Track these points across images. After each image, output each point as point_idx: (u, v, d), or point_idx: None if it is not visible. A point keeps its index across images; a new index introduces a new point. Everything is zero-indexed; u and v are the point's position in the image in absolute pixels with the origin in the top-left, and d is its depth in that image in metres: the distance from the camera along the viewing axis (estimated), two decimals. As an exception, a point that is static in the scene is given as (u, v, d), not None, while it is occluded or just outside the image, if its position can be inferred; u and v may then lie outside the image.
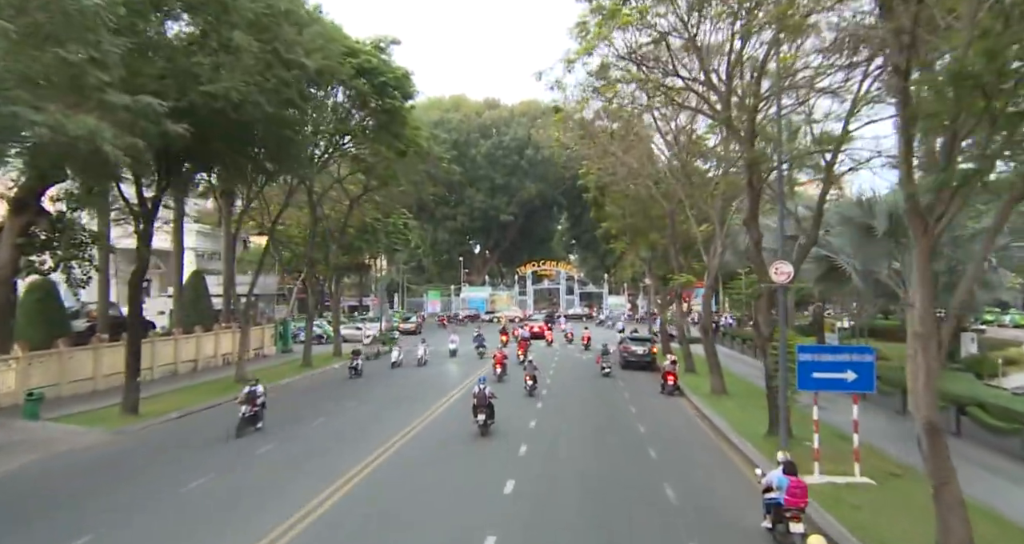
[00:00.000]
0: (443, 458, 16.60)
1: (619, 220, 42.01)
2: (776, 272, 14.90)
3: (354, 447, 17.47)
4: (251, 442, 18.25)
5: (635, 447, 17.86)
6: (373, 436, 18.71)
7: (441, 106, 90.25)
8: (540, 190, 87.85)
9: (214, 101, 17.67)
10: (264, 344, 41.54)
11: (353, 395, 26.97)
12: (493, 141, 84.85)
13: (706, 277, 25.98)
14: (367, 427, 20.32)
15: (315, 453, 17.08)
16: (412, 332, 63.08)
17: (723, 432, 19.05)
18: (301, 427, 20.51)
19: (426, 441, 18.48)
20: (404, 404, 24.36)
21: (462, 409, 21.22)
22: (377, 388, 29.00)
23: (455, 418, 21.18)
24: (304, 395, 27.31)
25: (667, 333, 40.76)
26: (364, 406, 24.42)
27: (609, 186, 41.37)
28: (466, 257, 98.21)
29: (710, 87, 18.05)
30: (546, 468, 15.75)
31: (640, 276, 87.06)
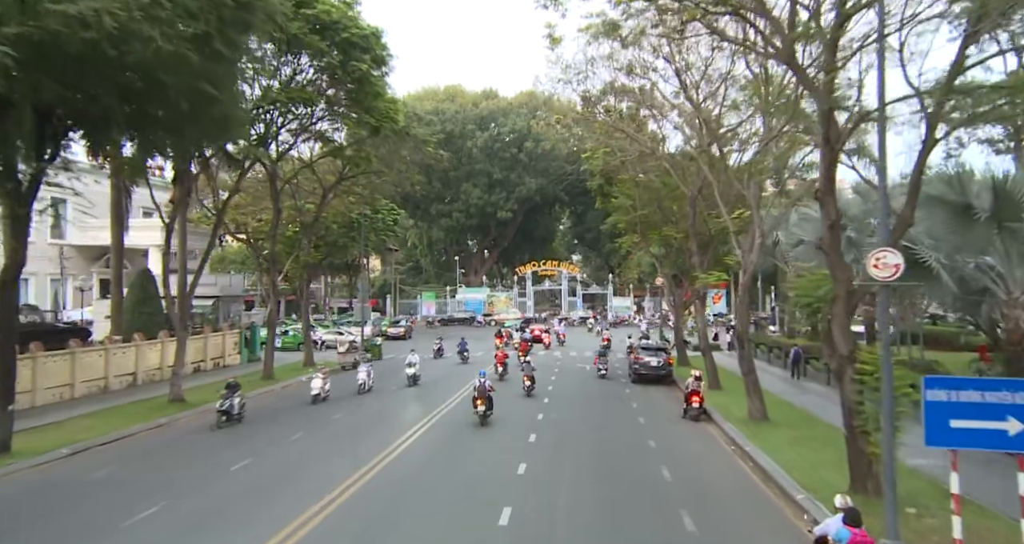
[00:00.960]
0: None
1: (628, 212, 37.04)
2: (877, 264, 9.88)
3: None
4: (110, 512, 13.30)
5: (661, 507, 12.89)
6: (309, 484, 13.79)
7: (436, 96, 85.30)
8: (541, 186, 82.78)
9: (81, 30, 12.74)
10: (226, 353, 36.61)
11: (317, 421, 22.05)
12: (490, 133, 79.82)
13: (740, 275, 20.95)
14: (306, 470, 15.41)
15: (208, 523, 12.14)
16: (401, 337, 58.21)
17: (779, 483, 14.02)
18: (214, 480, 15.59)
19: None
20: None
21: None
22: (337, 416, 24.05)
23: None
24: (249, 424, 22.33)
25: (683, 340, 35.78)
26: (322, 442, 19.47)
27: (617, 172, 36.43)
28: (463, 257, 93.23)
29: (762, 10, 13.12)
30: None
31: (647, 277, 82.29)
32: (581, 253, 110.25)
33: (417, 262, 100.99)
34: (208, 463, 16.51)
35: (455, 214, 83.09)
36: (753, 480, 15.10)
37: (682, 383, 29.04)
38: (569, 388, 28.82)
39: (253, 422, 21.77)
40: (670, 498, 13.53)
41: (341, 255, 71.98)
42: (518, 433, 19.55)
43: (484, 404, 20.54)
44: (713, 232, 33.17)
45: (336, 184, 36.92)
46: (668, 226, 35.65)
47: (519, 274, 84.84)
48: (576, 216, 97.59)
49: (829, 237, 12.78)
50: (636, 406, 24.73)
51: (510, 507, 12.57)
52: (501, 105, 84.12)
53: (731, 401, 23.98)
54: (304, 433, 20.04)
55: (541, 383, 29.69)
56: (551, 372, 34.38)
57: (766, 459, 15.71)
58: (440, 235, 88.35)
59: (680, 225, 35.38)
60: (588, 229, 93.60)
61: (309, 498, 13.18)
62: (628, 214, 36.92)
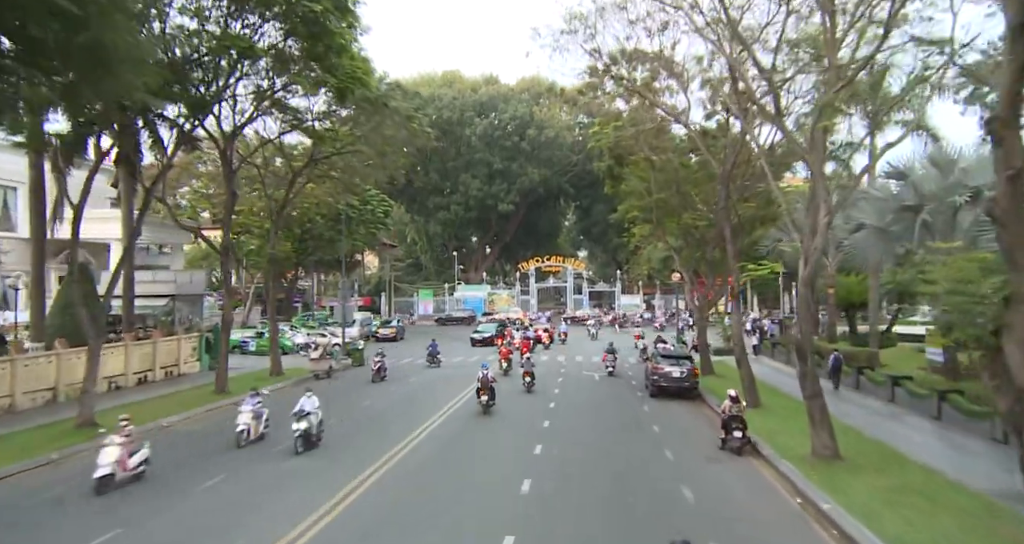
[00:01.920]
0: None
1: (641, 197, 32.15)
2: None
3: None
4: None
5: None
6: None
7: (432, 82, 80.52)
8: (544, 177, 77.88)
9: None
10: (181, 360, 31.87)
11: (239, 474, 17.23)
12: (490, 120, 74.92)
13: (800, 266, 15.98)
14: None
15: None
16: (392, 339, 53.43)
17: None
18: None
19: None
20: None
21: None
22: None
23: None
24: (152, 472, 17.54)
25: (706, 345, 30.91)
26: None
27: (630, 152, 31.49)
28: (462, 253, 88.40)
29: None
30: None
31: (657, 273, 77.25)
32: (587, 249, 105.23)
33: (417, 259, 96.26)
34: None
35: (453, 207, 78.32)
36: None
37: (710, 398, 24.32)
38: (575, 407, 23.93)
39: (159, 472, 16.54)
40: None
41: (330, 250, 67.40)
42: (510, 486, 14.72)
43: (487, 394, 22.02)
44: (743, 218, 28.39)
45: (306, 166, 32.10)
46: (688, 213, 30.78)
47: (522, 270, 79.91)
48: (582, 210, 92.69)
49: (1008, 195, 7.87)
50: (659, 430, 19.86)
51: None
52: (502, 91, 79.32)
53: (779, 426, 19.12)
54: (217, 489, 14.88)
55: (541, 400, 25.01)
56: (553, 383, 29.54)
57: (862, 530, 10.84)
58: (438, 229, 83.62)
59: (703, 211, 30.56)
60: (594, 223, 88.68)
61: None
62: (642, 200, 32.03)
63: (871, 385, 23.77)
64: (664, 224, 32.14)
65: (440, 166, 79.41)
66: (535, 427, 20.04)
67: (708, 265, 31.29)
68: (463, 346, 46.78)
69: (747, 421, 17.53)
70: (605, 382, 30.23)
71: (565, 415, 22.02)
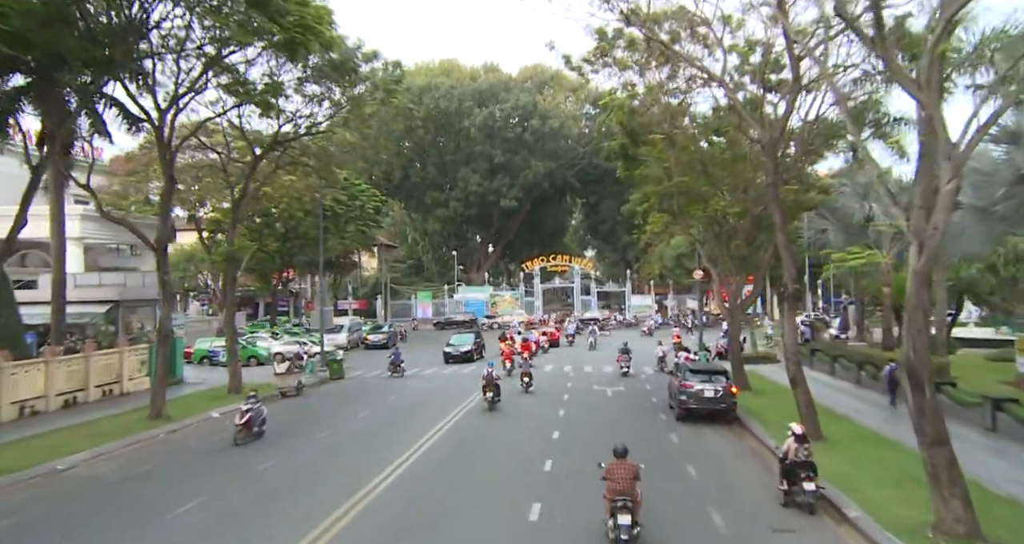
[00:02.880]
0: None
1: (660, 182, 27.45)
2: None
3: None
4: None
5: None
6: None
7: (429, 72, 75.84)
8: (549, 170, 73.08)
9: None
10: (125, 377, 27.30)
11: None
12: (490, 110, 70.19)
13: (912, 256, 10.99)
14: None
15: None
16: (382, 346, 48.70)
17: None
18: None
19: None
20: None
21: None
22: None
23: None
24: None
25: (740, 354, 26.14)
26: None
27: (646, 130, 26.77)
28: (463, 252, 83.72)
29: None
30: None
31: (670, 272, 72.39)
32: (595, 247, 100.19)
33: (419, 260, 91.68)
34: None
35: (452, 203, 73.69)
36: None
37: (751, 424, 19.58)
38: (585, 438, 19.16)
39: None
40: None
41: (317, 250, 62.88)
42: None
43: (492, 391, 22.57)
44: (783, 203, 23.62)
45: (269, 150, 27.55)
46: (716, 199, 26.03)
47: (526, 270, 75.10)
48: (589, 207, 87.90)
49: None
50: (695, 474, 15.11)
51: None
52: (502, 79, 74.59)
53: (858, 471, 14.39)
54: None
55: (544, 426, 20.35)
56: (558, 400, 24.85)
57: None
58: (437, 227, 79.02)
59: (737, 197, 25.85)
60: (602, 220, 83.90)
61: None
62: (660, 185, 27.31)
63: (956, 406, 18.96)
64: (686, 213, 27.39)
65: (438, 160, 74.86)
66: (534, 472, 15.33)
67: (737, 260, 26.52)
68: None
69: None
70: (620, 399, 25.49)
71: (571, 449, 17.32)
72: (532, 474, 15.09)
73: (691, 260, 67.08)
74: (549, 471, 15.33)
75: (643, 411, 22.96)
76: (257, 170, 29.26)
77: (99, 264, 45.36)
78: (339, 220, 52.19)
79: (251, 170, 27.74)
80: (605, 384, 28.62)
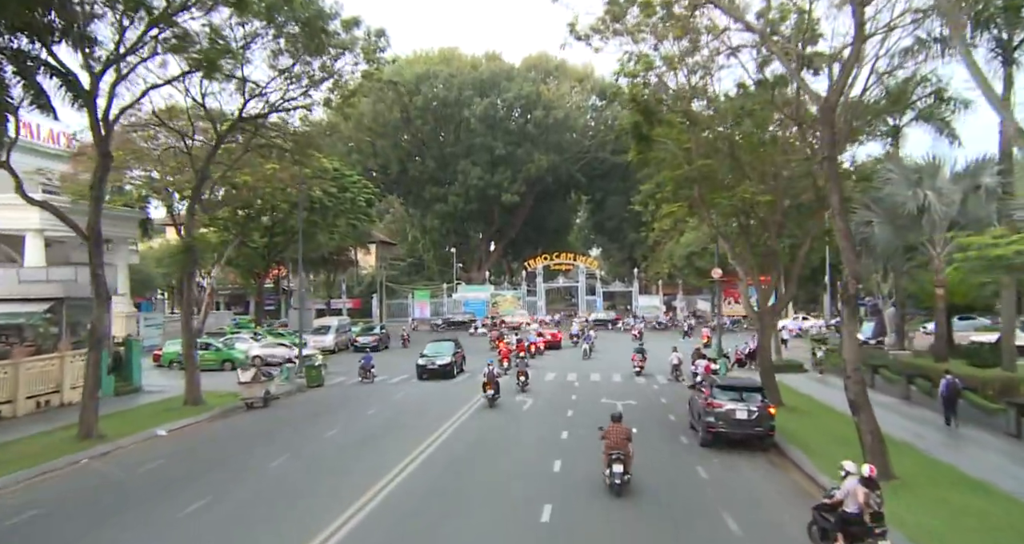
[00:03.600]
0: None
1: (678, 167, 23.98)
2: None
3: None
4: None
5: None
6: None
7: (428, 61, 72.38)
8: (553, 164, 69.50)
9: None
10: (67, 385, 23.95)
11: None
12: (491, 100, 66.70)
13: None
14: None
15: None
16: (373, 348, 45.29)
17: None
18: None
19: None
20: None
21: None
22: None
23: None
24: None
25: (771, 365, 22.65)
26: None
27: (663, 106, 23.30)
28: (462, 249, 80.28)
29: None
30: None
31: (679, 271, 68.88)
32: (600, 246, 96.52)
33: (420, 258, 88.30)
34: None
35: (451, 198, 70.20)
36: None
37: (792, 451, 16.18)
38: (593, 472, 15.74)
39: None
40: None
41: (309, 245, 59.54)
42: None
43: (493, 388, 23.03)
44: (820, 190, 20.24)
45: (232, 128, 24.17)
46: (744, 185, 22.53)
47: (528, 268, 71.58)
48: (594, 203, 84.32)
49: None
50: (736, 526, 11.65)
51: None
52: (505, 68, 71.06)
53: (953, 528, 10.94)
54: None
55: (544, 454, 16.97)
56: (561, 419, 21.43)
57: None
58: (435, 223, 75.52)
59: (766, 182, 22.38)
60: (608, 217, 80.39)
61: None
62: (679, 169, 23.84)
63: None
64: (708, 202, 23.89)
65: (437, 152, 71.43)
66: (531, 525, 11.90)
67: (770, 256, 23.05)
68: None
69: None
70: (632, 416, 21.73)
71: (577, 486, 13.93)
72: (529, 528, 11.68)
73: (703, 258, 63.53)
74: (547, 522, 11.91)
75: (660, 432, 19.50)
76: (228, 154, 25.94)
77: (71, 259, 42.16)
78: (328, 213, 48.83)
79: (213, 150, 24.34)
80: (615, 396, 25.13)
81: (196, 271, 47.77)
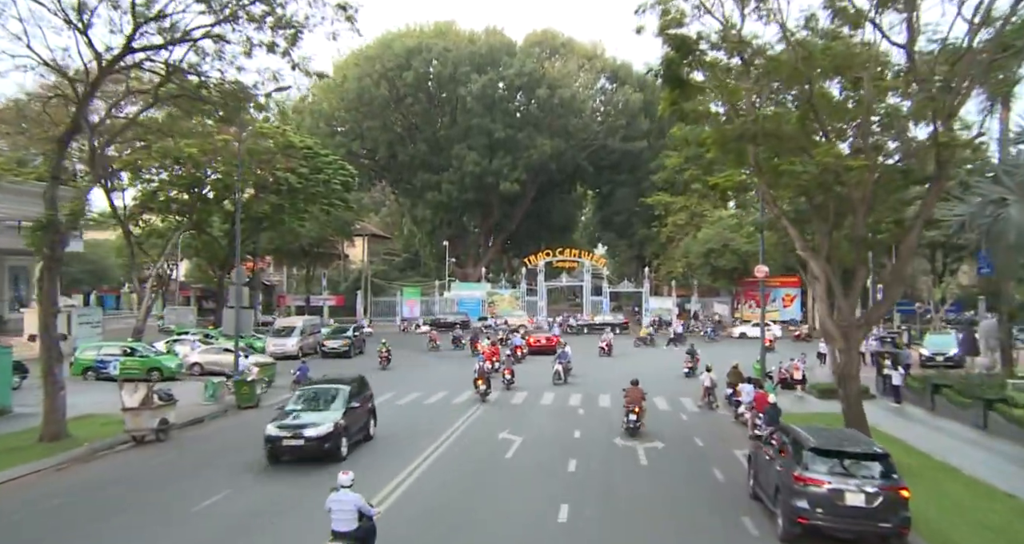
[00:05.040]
0: None
1: (728, 121, 17.33)
2: None
3: None
4: None
5: None
6: None
7: (421, 35, 65.72)
8: (558, 150, 62.79)
9: None
10: None
11: None
12: (490, 77, 60.03)
13: None
14: None
15: None
16: (345, 354, 38.75)
17: None
18: None
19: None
20: None
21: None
22: None
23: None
24: None
25: (858, 397, 15.98)
26: None
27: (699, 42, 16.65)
28: (459, 244, 73.69)
29: None
30: None
31: (695, 271, 62.19)
32: (607, 243, 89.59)
33: (416, 253, 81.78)
34: None
35: (445, 186, 63.56)
36: None
37: None
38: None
39: None
40: None
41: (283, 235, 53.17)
42: None
43: (484, 384, 23.86)
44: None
45: (118, 60, 17.65)
46: (824, 146, 15.90)
47: (529, 265, 64.91)
48: (602, 197, 77.71)
49: None
50: None
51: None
52: (505, 42, 64.39)
53: None
54: None
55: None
56: (561, 474, 14.88)
57: None
58: (427, 214, 68.89)
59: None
60: (617, 211, 73.68)
61: None
62: (729, 125, 17.17)
63: None
64: (771, 170, 17.21)
65: (430, 135, 64.82)
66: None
67: (862, 245, 16.38)
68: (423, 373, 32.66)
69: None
70: (660, 474, 15.41)
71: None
72: None
73: (723, 256, 56.97)
74: None
75: (709, 505, 12.92)
76: (116, 97, 19.37)
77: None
78: (297, 197, 42.34)
79: (91, 87, 17.75)
80: (633, 434, 18.54)
81: (134, 261, 41.57)
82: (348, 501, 8.92)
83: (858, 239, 16.11)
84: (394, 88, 60.71)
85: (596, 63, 66.32)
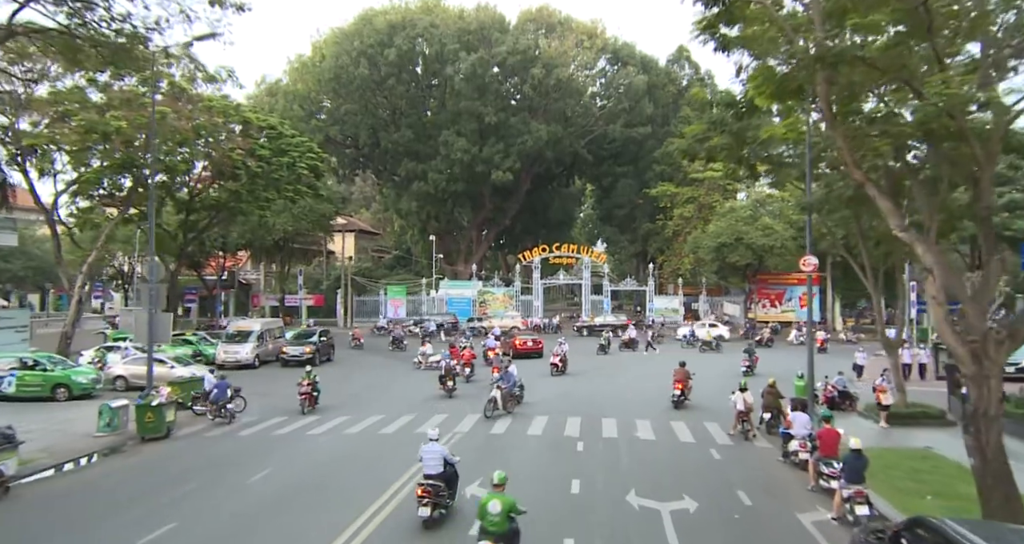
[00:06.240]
0: None
1: (787, 41, 12.21)
2: None
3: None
4: None
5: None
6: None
7: (406, 12, 60.40)
8: (554, 137, 57.53)
9: None
10: None
11: None
12: (480, 55, 54.75)
13: None
14: None
15: None
16: (308, 361, 33.36)
17: None
18: None
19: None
20: None
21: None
22: None
23: None
24: None
25: (1000, 426, 10.93)
26: None
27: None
28: (448, 240, 68.51)
29: None
30: None
31: (703, 267, 57.11)
32: (608, 238, 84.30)
33: (408, 250, 76.64)
34: None
35: (432, 175, 58.30)
36: None
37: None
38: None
39: None
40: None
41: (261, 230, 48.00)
42: None
43: (451, 381, 23.54)
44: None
45: None
46: (934, 77, 10.79)
47: (523, 261, 59.70)
48: (602, 189, 72.44)
49: None
50: None
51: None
52: (497, 18, 59.12)
53: None
54: None
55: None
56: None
57: None
58: (413, 206, 63.63)
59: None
60: (618, 204, 68.51)
61: None
62: (791, 49, 12.05)
63: None
64: (849, 112, 12.03)
65: (415, 120, 59.59)
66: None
67: (981, 222, 11.26)
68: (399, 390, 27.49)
69: None
70: None
71: None
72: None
73: (736, 251, 51.96)
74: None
75: None
76: None
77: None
78: (256, 183, 37.11)
79: None
80: (651, 482, 13.37)
81: (60, 255, 36.29)
82: (436, 451, 11.55)
83: (986, 212, 10.93)
84: (375, 68, 55.51)
85: (596, 42, 61.08)
